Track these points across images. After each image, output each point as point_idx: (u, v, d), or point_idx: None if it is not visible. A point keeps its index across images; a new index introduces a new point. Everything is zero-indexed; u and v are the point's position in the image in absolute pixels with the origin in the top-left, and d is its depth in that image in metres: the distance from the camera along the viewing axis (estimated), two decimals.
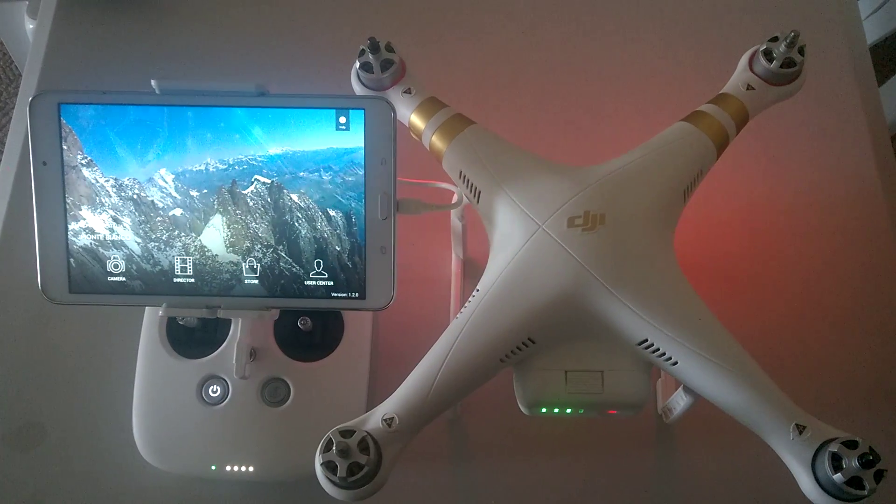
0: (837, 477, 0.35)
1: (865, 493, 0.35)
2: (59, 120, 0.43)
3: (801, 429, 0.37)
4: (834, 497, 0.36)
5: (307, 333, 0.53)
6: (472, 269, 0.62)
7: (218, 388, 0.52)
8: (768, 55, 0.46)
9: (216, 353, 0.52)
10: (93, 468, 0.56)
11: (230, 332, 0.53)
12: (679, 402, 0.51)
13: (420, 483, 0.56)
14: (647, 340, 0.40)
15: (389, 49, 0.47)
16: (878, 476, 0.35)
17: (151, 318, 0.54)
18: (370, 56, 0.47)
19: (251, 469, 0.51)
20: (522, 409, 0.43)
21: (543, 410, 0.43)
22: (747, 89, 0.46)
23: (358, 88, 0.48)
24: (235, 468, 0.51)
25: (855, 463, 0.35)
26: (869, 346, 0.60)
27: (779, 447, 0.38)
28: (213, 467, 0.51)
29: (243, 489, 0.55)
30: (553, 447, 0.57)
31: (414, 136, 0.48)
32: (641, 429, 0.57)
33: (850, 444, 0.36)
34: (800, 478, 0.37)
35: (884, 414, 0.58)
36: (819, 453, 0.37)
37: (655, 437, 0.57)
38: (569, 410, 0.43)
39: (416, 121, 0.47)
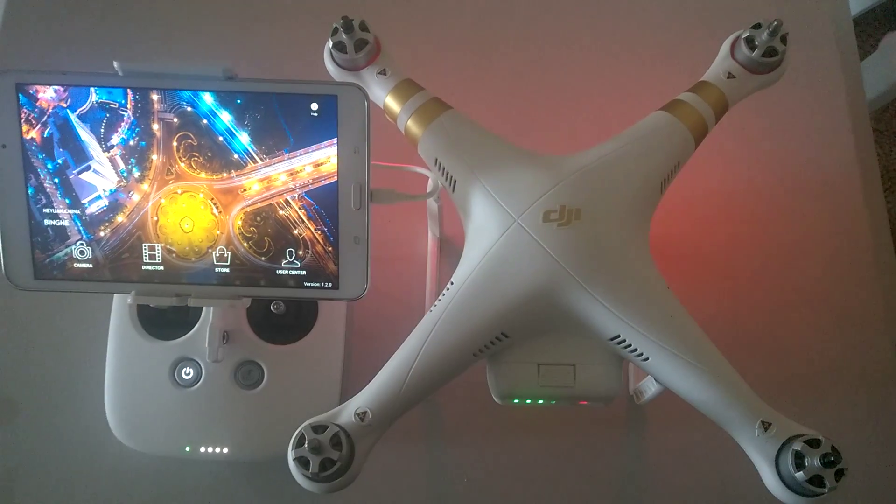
0: (799, 475, 0.36)
1: (826, 491, 0.36)
2: (18, 100, 0.42)
3: (766, 426, 0.38)
4: (796, 493, 0.37)
5: (281, 316, 0.53)
6: (448, 249, 0.62)
7: (191, 370, 0.52)
8: (750, 43, 0.45)
9: (189, 334, 0.52)
10: (66, 448, 0.56)
11: (203, 315, 0.52)
12: (650, 386, 0.52)
13: (393, 462, 0.56)
14: (619, 336, 0.40)
15: (364, 28, 0.46)
16: (839, 475, 0.36)
17: (121, 298, 0.53)
18: (343, 35, 0.45)
19: (225, 450, 0.51)
20: (495, 399, 0.43)
21: (516, 401, 0.43)
22: (728, 77, 0.46)
23: (331, 68, 0.47)
24: (209, 449, 0.51)
25: (817, 462, 0.36)
26: (839, 331, 0.61)
27: (744, 443, 0.39)
28: (187, 448, 0.51)
29: (217, 469, 0.56)
30: (526, 427, 0.58)
31: (389, 119, 0.47)
32: (613, 409, 0.58)
33: (814, 443, 0.36)
34: (763, 473, 0.38)
35: (851, 398, 0.60)
36: (783, 450, 0.37)
37: (627, 418, 0.58)
38: (541, 401, 0.43)
39: (391, 104, 0.46)
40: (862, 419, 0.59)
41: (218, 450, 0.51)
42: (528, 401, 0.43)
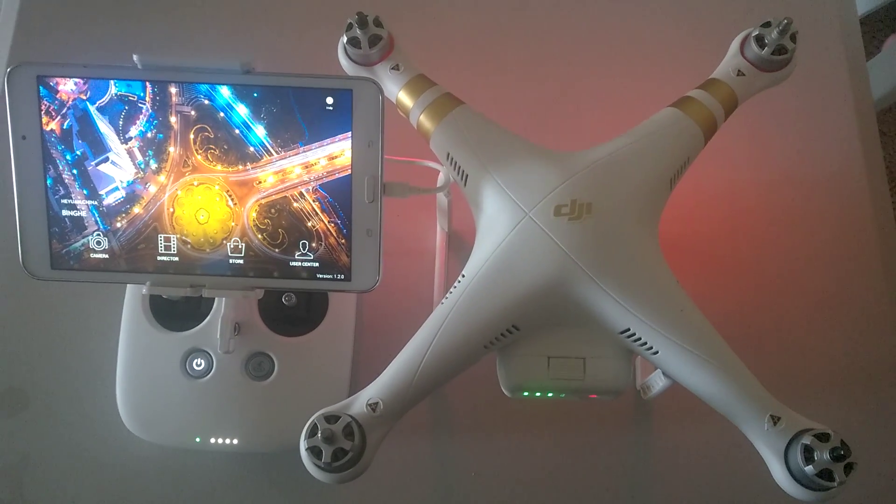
0: (809, 469, 0.36)
1: (835, 484, 0.36)
2: (38, 92, 0.42)
3: (775, 420, 0.38)
4: (805, 487, 0.37)
5: (292, 308, 0.54)
6: (457, 243, 0.63)
7: (202, 361, 0.52)
8: (760, 41, 0.46)
9: (200, 326, 0.53)
10: (76, 437, 0.57)
11: (214, 306, 0.53)
12: (658, 381, 0.52)
13: (401, 455, 0.57)
14: (629, 330, 0.40)
15: (378, 24, 0.46)
16: (848, 469, 0.36)
17: (134, 289, 0.54)
18: (358, 31, 0.46)
19: (235, 442, 0.52)
20: (505, 391, 0.44)
21: (525, 394, 0.43)
22: (737, 75, 0.46)
23: (345, 63, 0.47)
24: (220, 440, 0.52)
25: (826, 456, 0.36)
26: (847, 329, 0.62)
27: (753, 437, 0.39)
28: (198, 439, 0.52)
29: (227, 460, 0.56)
30: (533, 421, 0.58)
31: (401, 114, 0.47)
32: (620, 404, 0.58)
33: (823, 437, 0.37)
34: (772, 467, 0.38)
35: (859, 396, 0.60)
36: (792, 444, 0.38)
37: (634, 413, 0.58)
38: (550, 394, 0.43)
39: (404, 99, 0.46)
40: (869, 417, 0.59)
41: (228, 441, 0.52)
42: (538, 394, 0.43)
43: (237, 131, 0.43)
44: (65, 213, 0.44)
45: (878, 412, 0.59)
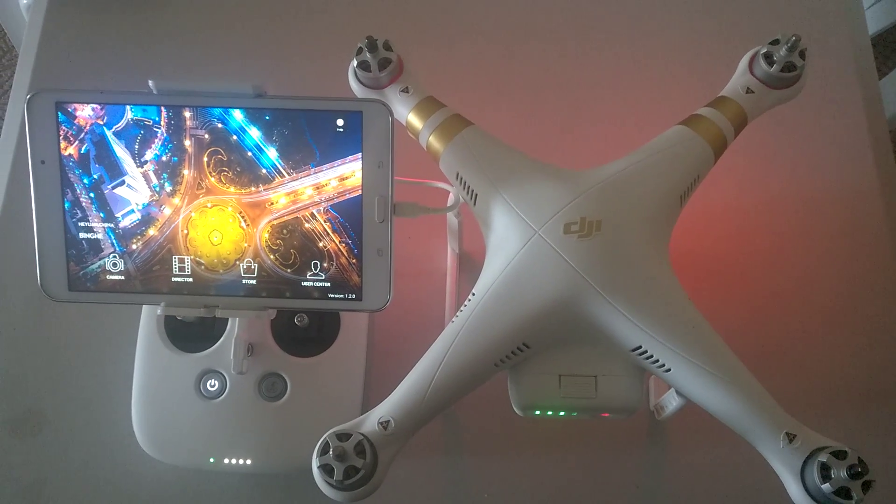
0: (826, 487, 0.36)
1: (853, 503, 0.35)
2: (57, 118, 0.43)
3: (791, 437, 0.38)
4: None
5: (304, 329, 0.54)
6: (468, 264, 0.63)
7: (216, 382, 0.53)
8: (769, 58, 0.46)
9: (214, 347, 0.53)
10: (92, 458, 0.57)
11: (228, 327, 0.53)
12: (671, 401, 0.51)
13: (414, 476, 0.56)
14: (640, 347, 0.40)
15: (387, 47, 0.47)
16: (866, 487, 0.35)
17: (149, 311, 0.55)
18: (367, 55, 0.46)
19: (249, 462, 0.52)
20: (517, 410, 0.44)
21: (537, 412, 0.43)
22: (747, 92, 0.46)
23: (355, 86, 0.48)
24: (233, 461, 0.52)
25: (843, 473, 0.35)
26: (860, 346, 0.61)
27: (769, 454, 0.39)
28: (212, 460, 0.52)
29: (241, 481, 0.56)
30: (546, 441, 0.58)
31: (411, 135, 0.48)
32: (634, 425, 0.58)
33: (840, 455, 0.36)
34: (788, 485, 0.38)
35: (873, 414, 0.59)
36: (808, 462, 0.37)
37: (647, 434, 0.58)
38: (562, 413, 0.43)
39: (414, 120, 0.47)
40: (884, 433, 0.58)
41: (241, 461, 0.52)
42: (550, 412, 0.43)
43: (250, 154, 0.44)
44: (82, 235, 0.45)
45: (892, 428, 0.58)
